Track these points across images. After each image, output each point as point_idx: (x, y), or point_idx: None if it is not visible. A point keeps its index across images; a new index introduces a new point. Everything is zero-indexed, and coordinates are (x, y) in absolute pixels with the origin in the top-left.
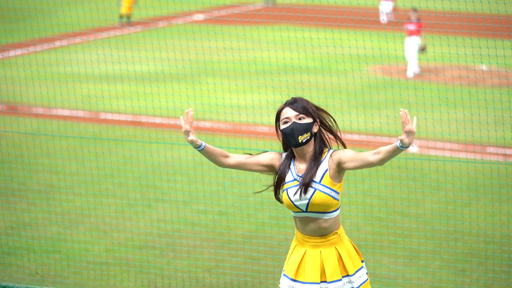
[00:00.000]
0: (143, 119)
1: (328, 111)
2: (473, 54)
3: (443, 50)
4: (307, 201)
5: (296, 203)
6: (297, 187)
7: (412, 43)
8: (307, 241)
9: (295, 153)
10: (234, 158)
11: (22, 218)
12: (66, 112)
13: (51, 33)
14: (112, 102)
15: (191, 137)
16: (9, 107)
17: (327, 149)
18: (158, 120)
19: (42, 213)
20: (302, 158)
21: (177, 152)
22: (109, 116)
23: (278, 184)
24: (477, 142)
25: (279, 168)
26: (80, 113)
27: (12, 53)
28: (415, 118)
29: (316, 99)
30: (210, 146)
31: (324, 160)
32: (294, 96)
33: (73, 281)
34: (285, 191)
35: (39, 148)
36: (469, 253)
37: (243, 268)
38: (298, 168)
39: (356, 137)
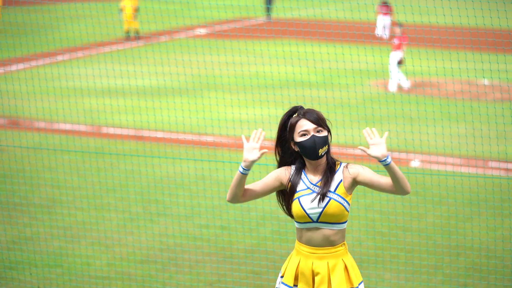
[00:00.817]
0: (145, 133)
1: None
2: (475, 69)
3: (445, 65)
4: (321, 209)
5: (308, 211)
6: (312, 195)
7: (394, 57)
8: (313, 253)
9: (307, 163)
10: (246, 193)
11: (24, 233)
12: (68, 127)
13: (53, 48)
14: (114, 116)
15: (257, 155)
16: (11, 122)
17: (339, 161)
18: (160, 134)
19: (44, 228)
20: (315, 169)
21: (179, 166)
22: (111, 131)
23: (291, 194)
24: (479, 156)
25: (290, 179)
26: (82, 127)
27: (14, 67)
28: (386, 133)
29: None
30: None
31: (338, 171)
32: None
33: None
34: (297, 199)
35: (41, 162)
36: (471, 267)
37: (245, 282)
38: (310, 178)
39: (358, 151)
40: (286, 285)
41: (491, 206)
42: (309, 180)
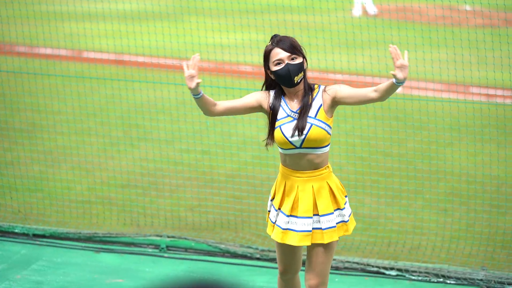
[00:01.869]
0: (126, 58)
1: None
2: None
3: None
4: (303, 136)
5: (291, 139)
6: (293, 123)
7: None
8: (298, 177)
9: (285, 91)
10: (222, 104)
11: (4, 157)
12: (48, 51)
13: None
14: (95, 41)
15: (196, 80)
16: None
17: (317, 85)
18: (141, 59)
19: (24, 152)
20: (294, 95)
21: (160, 91)
22: (92, 55)
23: (272, 122)
24: (460, 82)
25: (270, 106)
26: (63, 52)
27: None
28: (406, 52)
29: (299, 38)
30: (205, 95)
31: (317, 95)
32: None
33: (56, 219)
34: (278, 127)
35: (21, 86)
36: (451, 192)
37: (225, 207)
38: (290, 105)
39: (339, 76)
40: (275, 208)
41: (472, 131)
42: (289, 108)
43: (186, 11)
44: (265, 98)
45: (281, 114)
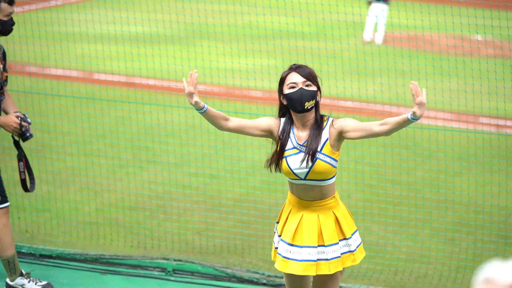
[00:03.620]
0: (137, 80)
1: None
2: (468, 24)
3: (439, 19)
4: (307, 169)
5: (295, 171)
6: (299, 156)
7: (376, 9)
8: (305, 206)
9: (295, 119)
10: (234, 121)
11: (12, 177)
12: (59, 72)
13: None
14: (106, 63)
15: (195, 98)
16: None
17: (326, 117)
18: (151, 82)
19: (33, 172)
20: (302, 125)
21: (170, 114)
22: (103, 77)
23: (280, 152)
24: (470, 112)
25: (280, 134)
26: (74, 73)
27: None
28: (424, 90)
29: (311, 65)
30: (211, 109)
31: (325, 128)
32: (295, 62)
33: (63, 240)
34: (284, 158)
35: (31, 106)
36: (459, 222)
37: (233, 231)
38: (298, 136)
39: (349, 104)
40: (284, 241)
41: (481, 161)
42: (296, 140)
43: (198, 35)
44: (276, 125)
45: (288, 145)
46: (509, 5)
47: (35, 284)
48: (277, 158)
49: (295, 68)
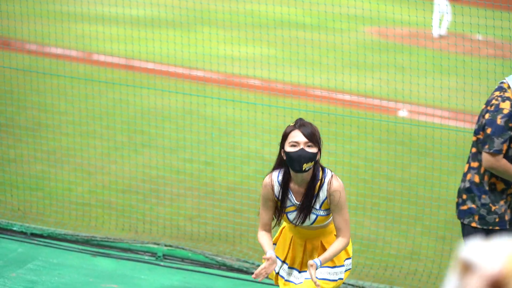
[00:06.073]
0: (136, 63)
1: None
2: (470, 23)
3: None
4: (309, 223)
5: (297, 225)
6: (298, 213)
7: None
8: (294, 232)
9: (292, 175)
10: (268, 228)
11: (7, 154)
12: (59, 51)
13: None
14: (106, 44)
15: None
16: (2, 42)
17: (325, 172)
18: (150, 65)
19: (28, 150)
20: (299, 184)
21: (167, 99)
22: (102, 58)
23: (281, 208)
24: (468, 111)
25: (277, 196)
26: (73, 53)
27: None
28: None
29: (310, 56)
30: (271, 245)
31: (323, 187)
32: (298, 118)
33: (55, 219)
34: (285, 214)
35: (29, 85)
36: (451, 221)
37: (225, 219)
38: (295, 194)
39: (347, 97)
40: (278, 258)
41: None
42: (294, 199)
43: (200, 21)
44: (271, 193)
45: (288, 203)
46: (511, 6)
47: None
48: (279, 215)
49: (299, 126)
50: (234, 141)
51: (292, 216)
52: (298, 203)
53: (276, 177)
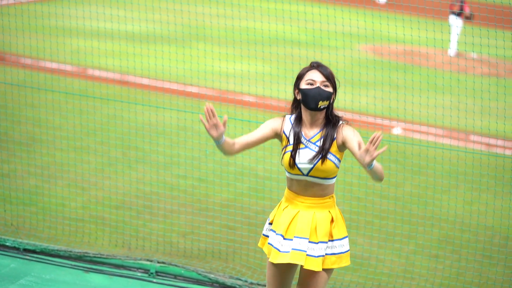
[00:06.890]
0: (130, 79)
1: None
2: (465, 42)
3: (436, 36)
4: (312, 165)
5: (299, 165)
6: (305, 151)
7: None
8: (301, 202)
9: (304, 116)
10: (240, 142)
11: (1, 169)
12: (53, 66)
13: None
14: (101, 60)
15: (222, 130)
16: None
17: (340, 119)
18: (145, 81)
19: (22, 165)
20: (310, 123)
21: (162, 115)
22: (97, 73)
23: (285, 146)
24: (462, 129)
25: (284, 131)
26: (68, 68)
27: (5, 1)
28: (384, 148)
29: None
30: (227, 138)
31: (335, 128)
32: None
33: (48, 235)
34: (289, 152)
35: (24, 99)
36: (444, 240)
37: (218, 236)
38: (305, 132)
39: (340, 113)
40: (274, 231)
41: (469, 180)
42: (303, 135)
43: (195, 38)
44: (279, 123)
45: (295, 140)
46: (506, 26)
47: None
48: (283, 149)
49: (317, 66)
50: (228, 158)
51: (297, 154)
52: (307, 139)
53: (289, 117)
